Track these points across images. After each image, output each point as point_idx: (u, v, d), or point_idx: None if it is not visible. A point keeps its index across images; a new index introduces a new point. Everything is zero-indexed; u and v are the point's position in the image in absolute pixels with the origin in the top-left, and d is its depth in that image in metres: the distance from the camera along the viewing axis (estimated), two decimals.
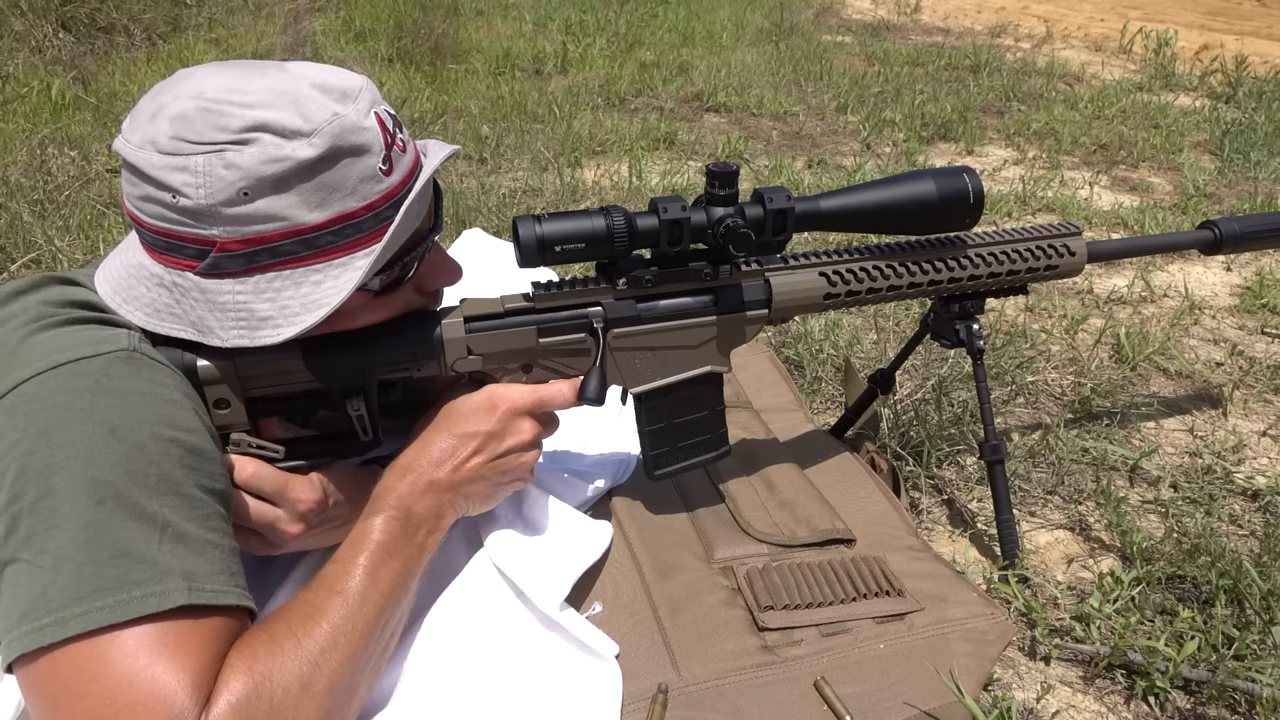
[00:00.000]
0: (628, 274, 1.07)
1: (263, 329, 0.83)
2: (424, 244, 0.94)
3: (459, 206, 2.68)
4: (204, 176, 0.78)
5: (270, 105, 0.79)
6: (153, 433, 0.75)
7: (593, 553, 1.10)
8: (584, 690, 0.95)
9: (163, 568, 0.71)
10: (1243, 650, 1.15)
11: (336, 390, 0.96)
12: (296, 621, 0.78)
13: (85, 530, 0.70)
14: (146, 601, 0.69)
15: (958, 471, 1.60)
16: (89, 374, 0.76)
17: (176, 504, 0.74)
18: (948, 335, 1.34)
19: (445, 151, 0.95)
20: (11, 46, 4.03)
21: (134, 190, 0.81)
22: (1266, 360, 2.02)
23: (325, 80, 0.84)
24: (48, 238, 2.32)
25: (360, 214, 0.84)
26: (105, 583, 0.69)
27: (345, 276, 0.85)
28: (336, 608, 0.80)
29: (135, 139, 0.79)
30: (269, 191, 0.79)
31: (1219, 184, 3.21)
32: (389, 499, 0.93)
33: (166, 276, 0.83)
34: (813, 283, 1.16)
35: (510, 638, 0.98)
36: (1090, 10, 6.97)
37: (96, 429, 0.73)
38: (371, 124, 0.84)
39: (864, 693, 0.99)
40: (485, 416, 0.99)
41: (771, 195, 1.06)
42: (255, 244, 0.81)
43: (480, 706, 0.91)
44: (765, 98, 4.14)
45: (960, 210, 1.14)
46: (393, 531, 0.90)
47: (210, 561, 0.75)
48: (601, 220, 1.00)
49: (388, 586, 0.86)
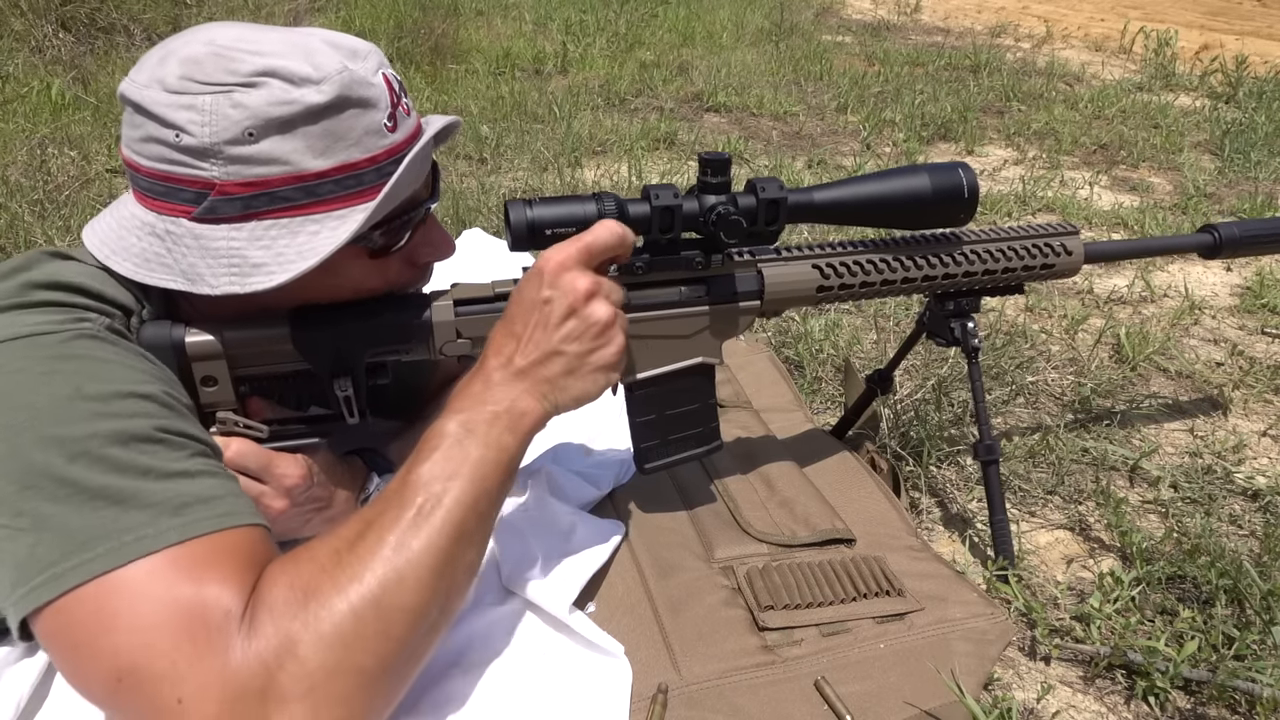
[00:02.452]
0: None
1: (255, 275, 0.82)
2: (422, 208, 0.95)
3: (459, 206, 2.68)
4: (210, 115, 0.77)
5: (281, 54, 0.80)
6: (119, 390, 0.73)
7: (600, 554, 1.10)
8: (594, 686, 0.94)
9: (154, 510, 0.69)
10: (1243, 650, 1.15)
11: (324, 370, 0.96)
12: (346, 534, 0.73)
13: (61, 486, 0.68)
14: (141, 543, 0.67)
15: (958, 471, 1.60)
16: (48, 345, 0.74)
17: (157, 449, 0.72)
18: (943, 333, 1.34)
19: (445, 120, 0.96)
20: (11, 46, 4.03)
21: (134, 132, 0.81)
22: (1266, 360, 2.02)
23: (336, 40, 0.86)
24: (48, 238, 2.32)
25: (362, 165, 0.85)
26: (92, 532, 0.67)
27: (343, 229, 0.84)
28: (393, 516, 0.74)
29: (141, 79, 0.80)
30: (274, 133, 0.79)
31: (1219, 184, 3.21)
32: (459, 403, 0.84)
33: (159, 224, 0.82)
34: (805, 274, 1.16)
35: (520, 637, 0.98)
36: (1090, 10, 6.98)
37: (58, 390, 0.71)
38: (379, 81, 0.86)
39: (864, 692, 0.99)
40: (534, 287, 0.89)
41: (764, 185, 1.06)
42: (255, 188, 0.80)
43: (492, 705, 0.91)
44: (765, 98, 4.14)
45: (954, 205, 1.13)
46: (467, 425, 0.81)
47: (209, 488, 0.72)
48: (593, 205, 0.99)
49: (460, 491, 0.77)
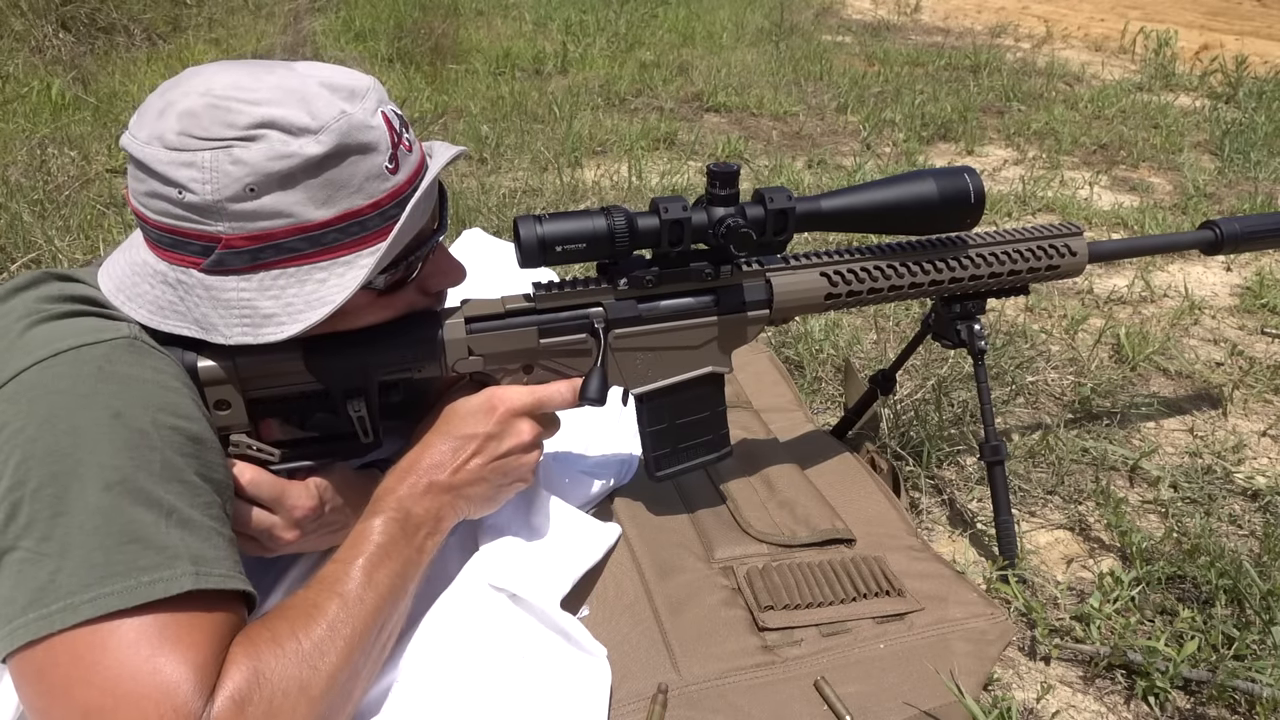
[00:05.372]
0: (629, 274, 1.06)
1: (266, 326, 0.83)
2: (428, 244, 0.94)
3: (459, 206, 2.68)
4: (211, 172, 0.77)
5: (278, 102, 0.79)
6: (155, 419, 0.75)
7: (593, 554, 1.10)
8: (574, 686, 0.94)
9: (171, 552, 0.71)
10: (1243, 650, 1.15)
11: (337, 391, 0.96)
12: (298, 620, 0.78)
13: (92, 516, 0.70)
14: (155, 587, 0.69)
15: (958, 471, 1.60)
16: (91, 360, 0.75)
17: (180, 490, 0.75)
18: (949, 336, 1.34)
19: (451, 153, 0.95)
20: (11, 46, 4.02)
21: (139, 186, 0.81)
22: (1266, 360, 2.02)
23: (333, 79, 0.84)
24: (48, 238, 2.32)
25: (366, 212, 0.84)
26: (114, 569, 0.68)
27: (350, 275, 0.85)
28: (334, 609, 0.80)
29: (142, 135, 0.79)
30: (275, 188, 0.79)
31: (1219, 184, 3.21)
32: (388, 501, 0.93)
33: (171, 274, 0.83)
34: (814, 283, 1.16)
35: (500, 637, 0.98)
36: (1090, 10, 6.97)
37: (99, 414, 0.73)
38: (378, 123, 0.84)
39: (864, 693, 0.99)
40: (485, 418, 0.99)
41: (772, 195, 1.06)
42: (261, 240, 0.81)
43: (470, 704, 0.91)
44: (765, 98, 4.14)
45: (961, 210, 1.14)
46: (391, 533, 0.89)
47: (215, 547, 0.75)
48: (603, 220, 0.99)
49: (385, 588, 0.86)
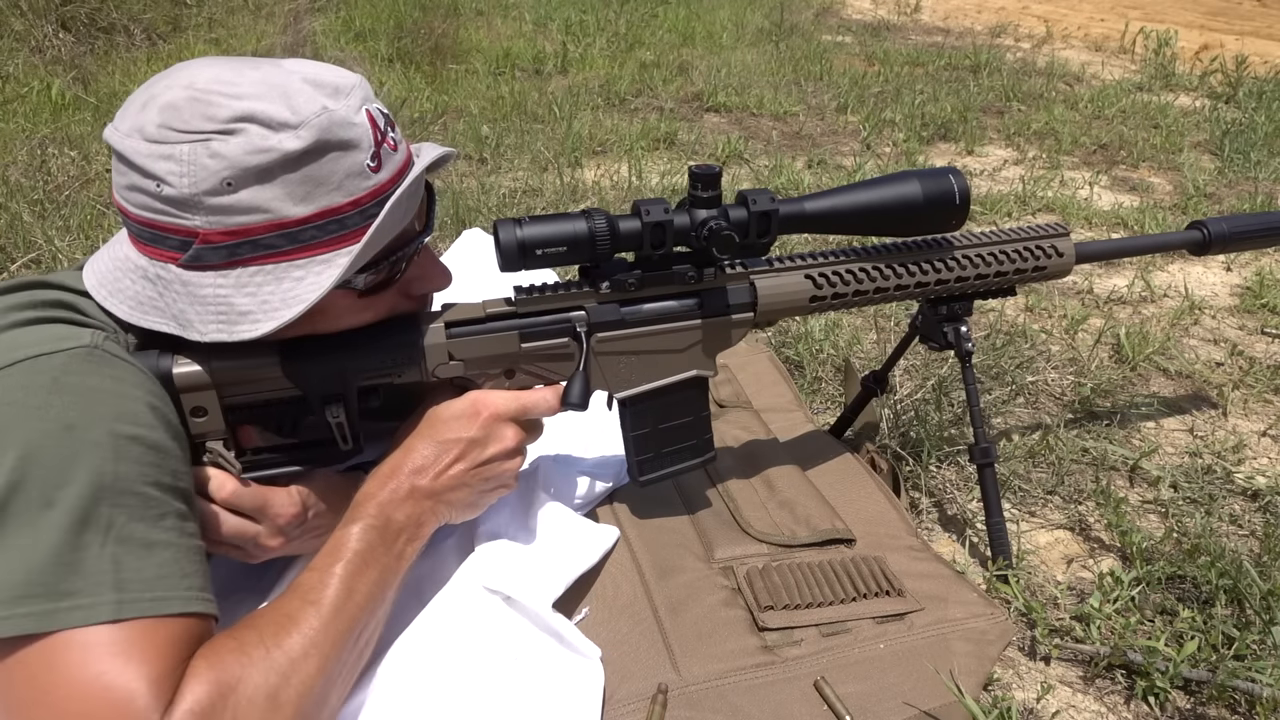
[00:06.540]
0: (611, 277, 1.05)
1: (241, 324, 0.82)
2: (413, 245, 0.93)
3: (459, 206, 2.68)
4: (188, 165, 0.77)
5: (259, 97, 0.78)
6: (111, 429, 0.73)
7: (590, 556, 1.10)
8: (565, 688, 0.94)
9: (96, 580, 0.69)
10: (1243, 650, 1.15)
11: (315, 397, 0.94)
12: (268, 630, 0.77)
13: (24, 532, 0.68)
14: (73, 614, 0.67)
15: (958, 471, 1.60)
16: (47, 370, 0.74)
17: (132, 503, 0.73)
18: (936, 338, 1.33)
19: (437, 152, 0.94)
20: (11, 46, 4.02)
21: (121, 179, 0.81)
22: (1266, 360, 2.02)
23: (318, 76, 0.83)
24: (48, 238, 2.32)
25: (345, 209, 0.83)
26: (33, 589, 0.67)
27: (328, 273, 0.83)
28: (310, 618, 0.79)
29: (124, 127, 0.79)
30: (253, 182, 0.78)
31: (1219, 184, 3.21)
32: (368, 506, 0.91)
33: (150, 269, 0.82)
34: (798, 285, 1.15)
35: (493, 638, 0.97)
36: (1090, 10, 6.97)
37: (50, 427, 0.71)
38: (361, 120, 0.84)
39: (864, 693, 0.99)
40: (467, 423, 0.97)
41: (755, 197, 1.05)
42: (238, 236, 0.80)
43: (461, 706, 0.90)
44: (765, 98, 4.14)
45: (946, 211, 1.13)
46: (370, 540, 0.88)
47: (158, 565, 0.73)
48: (583, 223, 0.98)
49: (364, 597, 0.84)
